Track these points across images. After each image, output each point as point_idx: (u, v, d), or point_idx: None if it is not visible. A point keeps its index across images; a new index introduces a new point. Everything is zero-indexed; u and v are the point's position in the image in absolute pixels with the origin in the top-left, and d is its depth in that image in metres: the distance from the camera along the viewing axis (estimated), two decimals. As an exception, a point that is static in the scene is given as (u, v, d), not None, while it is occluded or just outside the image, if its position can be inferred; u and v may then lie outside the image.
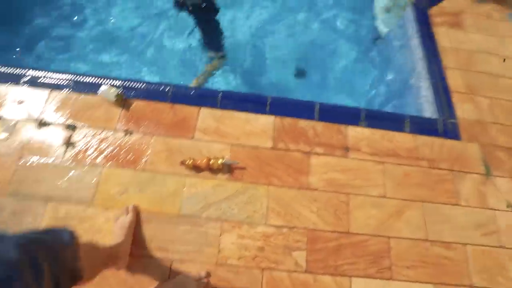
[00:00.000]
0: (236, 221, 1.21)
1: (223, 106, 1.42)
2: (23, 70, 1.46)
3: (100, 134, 1.33)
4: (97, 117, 1.36)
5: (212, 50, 1.89)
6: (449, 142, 1.53)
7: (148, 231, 1.16)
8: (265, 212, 1.24)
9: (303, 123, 1.43)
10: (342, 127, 1.46)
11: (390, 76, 2.00)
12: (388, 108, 1.93)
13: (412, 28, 1.90)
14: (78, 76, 1.45)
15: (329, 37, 2.32)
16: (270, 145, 1.36)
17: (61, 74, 1.45)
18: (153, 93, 1.43)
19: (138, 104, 1.41)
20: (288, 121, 1.43)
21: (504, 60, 1.17)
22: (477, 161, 1.51)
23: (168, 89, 1.44)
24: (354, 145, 1.43)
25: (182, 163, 1.26)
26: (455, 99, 1.67)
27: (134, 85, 1.45)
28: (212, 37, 1.87)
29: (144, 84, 1.46)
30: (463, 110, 1.64)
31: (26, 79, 1.43)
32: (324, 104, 1.49)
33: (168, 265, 1.13)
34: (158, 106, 1.40)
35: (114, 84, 1.44)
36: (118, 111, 1.38)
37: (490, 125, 1.63)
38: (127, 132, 1.34)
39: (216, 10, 1.86)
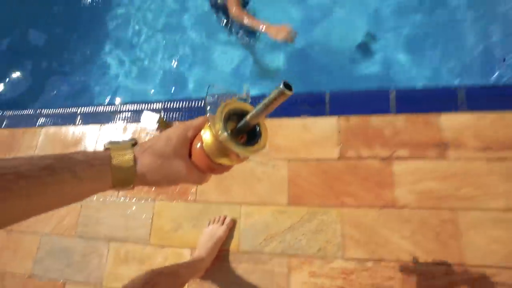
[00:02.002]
0: (306, 256, 1.00)
1: (271, 113, 1.20)
2: (74, 108, 1.50)
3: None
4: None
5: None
6: None
7: (206, 272, 1.04)
8: (341, 242, 0.99)
9: (376, 119, 1.11)
10: (432, 116, 1.08)
11: (492, 30, 1.45)
12: (497, 79, 1.41)
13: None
14: (117, 106, 1.41)
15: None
16: (337, 154, 1.09)
17: (102, 106, 1.44)
18: (195, 111, 1.30)
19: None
20: (355, 120, 1.12)
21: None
22: None
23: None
24: (454, 140, 1.04)
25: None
26: None
27: (175, 106, 1.34)
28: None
29: (185, 102, 1.33)
30: None
31: (78, 117, 1.46)
32: (401, 91, 1.13)
33: (234, 311, 1.00)
34: (201, 126, 1.26)
35: (155, 108, 1.35)
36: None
37: None
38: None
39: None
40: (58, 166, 0.28)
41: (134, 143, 0.35)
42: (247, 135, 0.35)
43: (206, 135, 0.33)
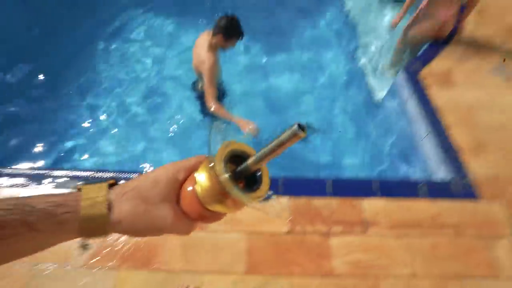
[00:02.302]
0: (260, 323, 1.12)
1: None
2: (44, 171, 1.54)
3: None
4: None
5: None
6: (470, 204, 1.48)
7: None
8: (290, 309, 1.15)
9: (317, 201, 1.42)
10: (357, 201, 1.43)
11: (394, 142, 2.04)
12: (399, 174, 1.92)
13: (406, 92, 2.00)
14: (93, 173, 1.52)
15: (327, 111, 2.47)
16: (287, 229, 1.33)
17: (77, 171, 1.53)
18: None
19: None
20: (302, 201, 1.42)
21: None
22: (505, 221, 1.43)
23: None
24: (372, 219, 1.38)
25: None
26: (465, 156, 1.66)
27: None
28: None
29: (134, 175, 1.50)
30: (476, 167, 1.61)
31: (47, 180, 1.50)
32: (336, 180, 1.49)
33: None
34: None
35: (120, 177, 1.48)
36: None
37: (508, 179, 1.59)
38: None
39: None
40: (10, 219, 0.25)
41: (112, 183, 0.31)
42: (246, 180, 0.32)
43: (202, 177, 0.30)
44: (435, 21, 2.19)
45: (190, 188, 0.31)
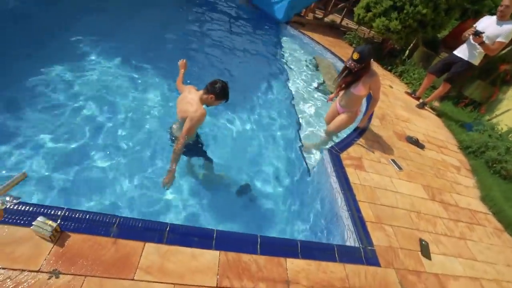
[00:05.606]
0: None
1: (170, 241, 1.43)
2: None
3: (16, 277, 1.15)
4: (18, 255, 1.20)
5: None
6: (371, 269, 1.76)
7: None
8: None
9: (246, 257, 1.51)
10: (282, 260, 1.57)
11: (319, 208, 2.36)
12: (321, 237, 2.18)
13: (330, 168, 2.43)
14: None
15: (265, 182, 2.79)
16: (215, 283, 1.35)
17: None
18: (95, 226, 1.39)
19: (75, 238, 1.32)
20: (232, 256, 1.49)
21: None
22: (397, 285, 1.73)
23: (114, 221, 1.42)
24: (294, 278, 1.52)
25: None
26: (369, 228, 2.02)
27: (75, 216, 1.39)
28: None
29: (87, 215, 1.41)
30: (376, 238, 1.97)
31: None
32: (265, 237, 1.63)
33: None
34: (99, 241, 1.34)
35: (54, 214, 1.36)
36: (48, 247, 1.26)
37: (398, 250, 1.97)
38: (53, 273, 1.19)
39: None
40: None
41: None
42: None
43: None
44: (350, 113, 2.90)
45: None
